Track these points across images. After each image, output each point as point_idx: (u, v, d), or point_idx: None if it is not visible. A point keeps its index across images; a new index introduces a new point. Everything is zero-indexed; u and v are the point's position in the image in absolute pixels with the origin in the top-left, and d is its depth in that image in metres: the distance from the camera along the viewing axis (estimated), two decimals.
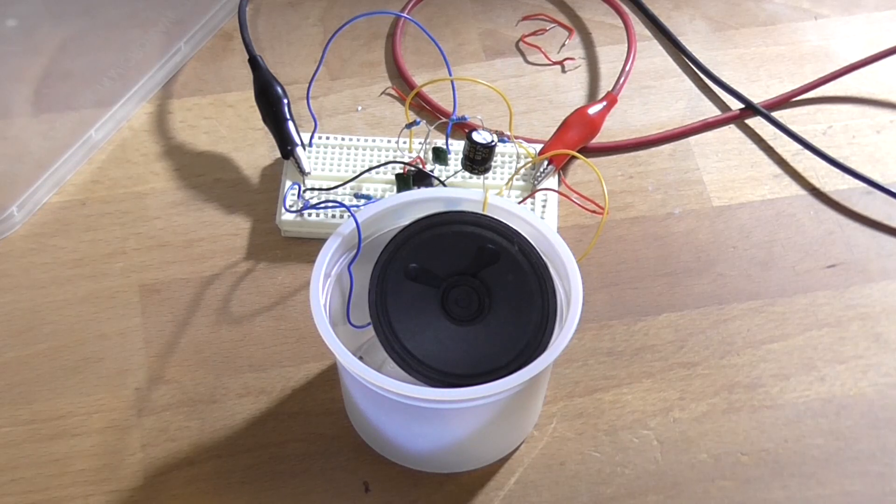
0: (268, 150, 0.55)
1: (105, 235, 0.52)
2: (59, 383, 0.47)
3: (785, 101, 0.57)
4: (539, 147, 0.53)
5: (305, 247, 0.51)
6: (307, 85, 0.54)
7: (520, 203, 0.49)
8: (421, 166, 0.51)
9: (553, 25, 0.60)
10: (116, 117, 0.55)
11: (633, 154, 0.55)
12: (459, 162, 0.51)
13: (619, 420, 0.47)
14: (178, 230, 0.52)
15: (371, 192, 0.51)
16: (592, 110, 0.54)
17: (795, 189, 0.54)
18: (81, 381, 0.47)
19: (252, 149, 0.55)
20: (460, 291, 0.43)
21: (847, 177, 0.54)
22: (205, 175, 0.54)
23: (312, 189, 0.51)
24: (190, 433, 0.46)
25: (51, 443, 0.46)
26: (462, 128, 0.54)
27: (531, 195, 0.51)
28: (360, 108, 0.56)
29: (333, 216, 0.51)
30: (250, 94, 0.55)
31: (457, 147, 0.52)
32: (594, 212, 0.51)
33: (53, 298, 0.50)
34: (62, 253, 0.51)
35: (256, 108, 0.54)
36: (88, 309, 0.49)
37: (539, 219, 0.44)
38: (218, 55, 0.58)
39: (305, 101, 0.53)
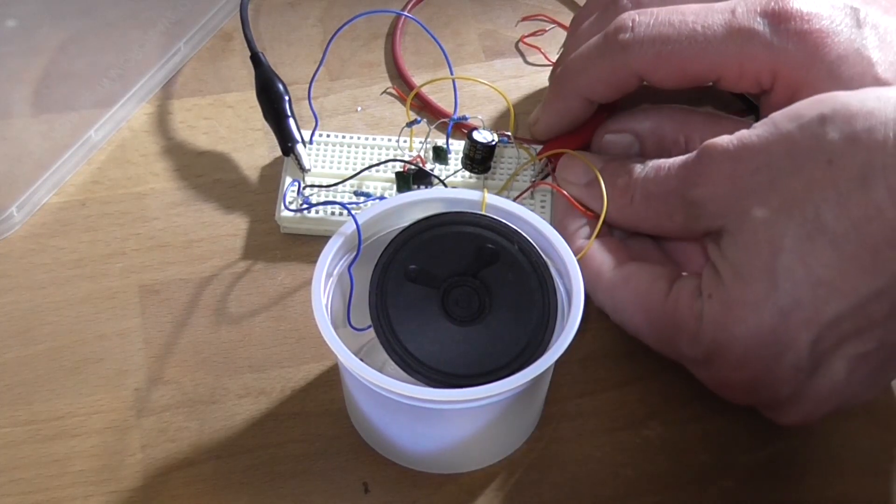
0: (267, 150, 0.55)
1: (105, 236, 0.52)
2: (58, 384, 0.47)
3: None
4: (539, 147, 0.53)
5: (305, 247, 0.51)
6: (307, 85, 0.54)
7: (516, 199, 0.49)
8: (421, 165, 0.51)
9: (553, 26, 0.60)
10: (116, 118, 0.55)
11: None
12: (459, 161, 0.51)
13: (620, 420, 0.47)
14: (178, 231, 0.52)
15: (371, 190, 0.51)
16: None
17: None
18: (81, 382, 0.47)
19: (251, 149, 0.55)
20: (460, 292, 0.43)
21: None
22: (204, 175, 0.54)
23: (312, 186, 0.51)
24: (189, 434, 0.46)
25: (50, 443, 0.46)
26: (462, 128, 0.54)
27: (528, 190, 0.51)
28: (359, 108, 0.56)
29: (333, 213, 0.51)
30: (250, 94, 0.55)
31: (457, 146, 0.52)
32: (593, 211, 0.50)
33: (53, 299, 0.50)
34: (62, 253, 0.51)
35: (255, 109, 0.54)
36: (88, 309, 0.49)
37: (538, 218, 0.44)
38: (217, 55, 0.58)
39: (307, 100, 0.53)
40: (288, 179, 0.51)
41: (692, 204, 0.43)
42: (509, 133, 0.52)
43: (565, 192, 0.49)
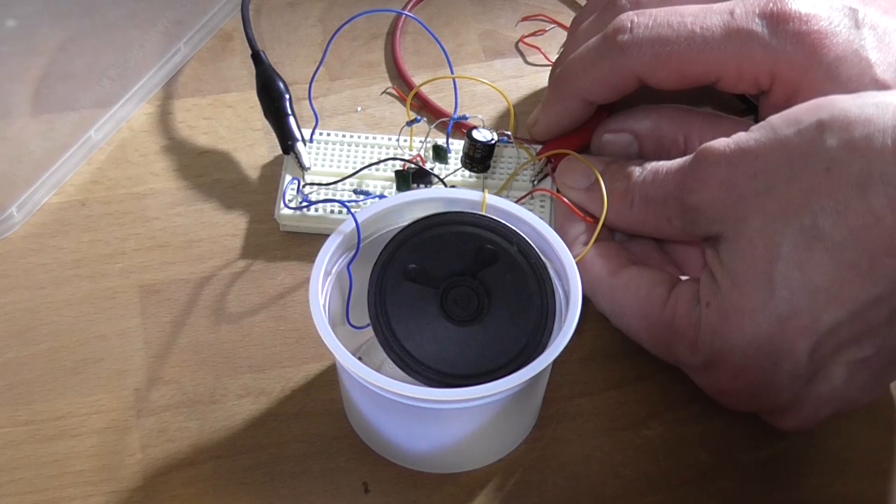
0: (267, 150, 0.55)
1: (104, 236, 0.52)
2: (58, 384, 0.47)
3: None
4: (538, 147, 0.53)
5: (305, 247, 0.51)
6: (307, 85, 0.54)
7: (517, 201, 0.49)
8: (421, 164, 0.51)
9: (553, 26, 0.60)
10: (116, 118, 0.55)
11: None
12: (459, 160, 0.51)
13: (620, 420, 0.47)
14: (178, 231, 0.52)
15: (370, 189, 0.51)
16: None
17: None
18: (81, 382, 0.47)
19: (251, 149, 0.55)
20: (459, 292, 0.43)
21: None
22: (204, 175, 0.54)
23: (312, 184, 0.51)
24: (189, 434, 0.46)
25: (50, 443, 0.46)
26: (462, 127, 0.54)
27: (529, 194, 0.51)
28: (359, 108, 0.56)
29: (332, 211, 0.51)
30: (250, 94, 0.55)
31: (457, 146, 0.52)
32: (593, 215, 0.50)
33: (53, 299, 0.50)
34: (62, 253, 0.51)
35: (255, 109, 0.54)
36: (88, 309, 0.49)
37: (538, 219, 0.44)
38: (217, 56, 0.58)
39: (307, 99, 0.53)
40: (288, 177, 0.51)
41: (690, 208, 0.43)
42: (509, 133, 0.52)
43: (565, 200, 0.49)
